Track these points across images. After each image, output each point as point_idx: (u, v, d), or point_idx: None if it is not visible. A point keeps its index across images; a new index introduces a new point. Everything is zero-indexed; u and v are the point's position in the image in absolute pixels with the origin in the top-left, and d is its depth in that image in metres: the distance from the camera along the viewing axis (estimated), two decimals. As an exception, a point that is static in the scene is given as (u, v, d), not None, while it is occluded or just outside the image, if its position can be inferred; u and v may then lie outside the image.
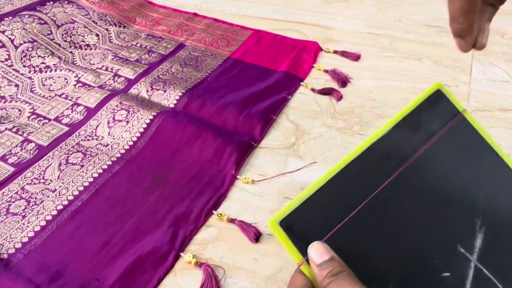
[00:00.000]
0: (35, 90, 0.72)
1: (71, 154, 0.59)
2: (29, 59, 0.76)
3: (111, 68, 0.76)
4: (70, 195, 0.53)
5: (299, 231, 0.28)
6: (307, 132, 0.62)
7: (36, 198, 0.53)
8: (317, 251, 0.26)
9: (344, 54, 0.78)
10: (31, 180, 0.55)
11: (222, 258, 0.46)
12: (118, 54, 0.80)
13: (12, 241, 0.48)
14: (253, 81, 0.71)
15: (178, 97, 0.67)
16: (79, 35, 0.84)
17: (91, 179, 0.55)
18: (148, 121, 0.62)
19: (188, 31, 0.86)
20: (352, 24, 0.88)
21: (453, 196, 0.31)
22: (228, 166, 0.56)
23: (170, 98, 0.67)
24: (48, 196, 0.53)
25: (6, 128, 0.64)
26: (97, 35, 0.85)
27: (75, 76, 0.74)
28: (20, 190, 0.54)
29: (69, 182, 0.55)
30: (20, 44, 0.78)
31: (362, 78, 0.72)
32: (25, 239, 0.48)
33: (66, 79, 0.74)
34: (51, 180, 0.55)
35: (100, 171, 0.56)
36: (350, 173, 0.30)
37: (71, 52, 0.80)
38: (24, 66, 0.75)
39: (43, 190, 0.54)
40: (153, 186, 0.54)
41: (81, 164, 0.57)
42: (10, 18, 0.82)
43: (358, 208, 0.29)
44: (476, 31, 0.29)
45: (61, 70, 0.75)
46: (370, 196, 0.29)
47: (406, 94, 0.68)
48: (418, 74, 0.73)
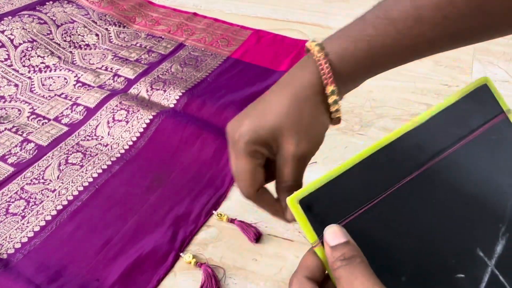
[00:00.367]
0: (35, 90, 0.72)
1: (71, 154, 0.59)
2: (28, 59, 0.76)
3: (111, 68, 0.76)
4: (69, 195, 0.53)
5: (318, 211, 0.27)
6: (307, 132, 0.62)
7: (35, 198, 0.53)
8: (333, 233, 0.26)
9: (344, 54, 0.78)
10: (31, 180, 0.55)
11: (222, 258, 0.46)
12: (118, 54, 0.80)
13: (11, 241, 0.48)
14: (253, 81, 0.71)
15: (178, 97, 0.67)
16: (79, 35, 0.84)
17: (90, 179, 0.55)
18: (148, 121, 0.62)
19: (188, 31, 0.86)
20: (352, 24, 0.88)
21: (481, 198, 0.30)
22: (228, 166, 0.56)
23: (170, 98, 0.67)
24: (47, 196, 0.53)
25: (5, 128, 0.63)
26: (96, 35, 0.85)
27: (74, 76, 0.74)
28: (19, 190, 0.54)
29: (68, 182, 0.55)
30: (20, 44, 0.78)
31: (362, 78, 0.72)
32: (24, 239, 0.48)
33: (65, 79, 0.74)
34: (50, 180, 0.55)
35: (100, 171, 0.56)
36: (379, 159, 0.28)
37: (70, 52, 0.80)
38: (24, 66, 0.75)
39: (42, 190, 0.54)
40: (153, 186, 0.54)
41: (80, 164, 0.57)
42: (10, 17, 0.82)
43: (381, 197, 0.28)
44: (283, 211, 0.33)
45: (60, 70, 0.75)
46: (395, 186, 0.28)
47: (406, 94, 0.68)
48: (418, 74, 0.73)
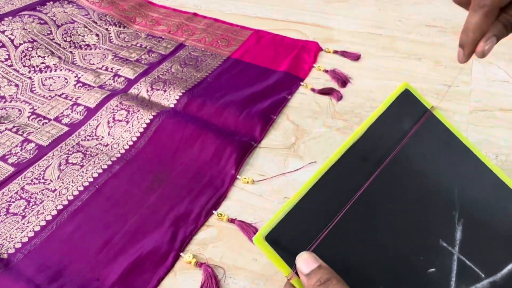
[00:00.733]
0: (35, 90, 0.72)
1: (71, 154, 0.59)
2: (29, 59, 0.76)
3: (111, 68, 0.76)
4: (70, 195, 0.53)
5: (285, 244, 0.27)
6: (307, 132, 0.62)
7: (36, 198, 0.53)
8: (304, 261, 0.26)
9: (344, 54, 0.78)
10: (31, 180, 0.55)
11: (222, 258, 0.46)
12: (118, 54, 0.80)
13: (12, 241, 0.48)
14: (253, 81, 0.71)
15: (178, 97, 0.67)
16: (79, 35, 0.84)
17: (91, 179, 0.55)
18: (148, 121, 0.62)
19: (188, 31, 0.86)
20: (352, 24, 0.88)
21: (430, 192, 0.31)
22: (228, 166, 0.56)
23: (170, 98, 0.67)
24: (48, 196, 0.53)
25: (6, 128, 0.64)
26: (97, 35, 0.85)
27: (75, 76, 0.74)
28: (20, 190, 0.54)
29: (69, 182, 0.55)
30: (20, 44, 0.78)
31: (362, 78, 0.72)
32: (25, 239, 0.48)
33: (66, 79, 0.74)
34: (51, 180, 0.55)
35: (100, 171, 0.56)
36: (330, 179, 0.30)
37: (71, 52, 0.80)
38: (24, 66, 0.75)
39: (43, 190, 0.54)
40: (153, 186, 0.54)
41: (81, 164, 0.57)
42: (10, 18, 0.82)
43: (341, 214, 0.29)
44: (475, 45, 0.31)
45: (61, 70, 0.75)
46: (351, 200, 0.29)
47: (406, 94, 0.68)
48: (418, 74, 0.73)
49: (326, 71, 0.73)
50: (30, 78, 0.74)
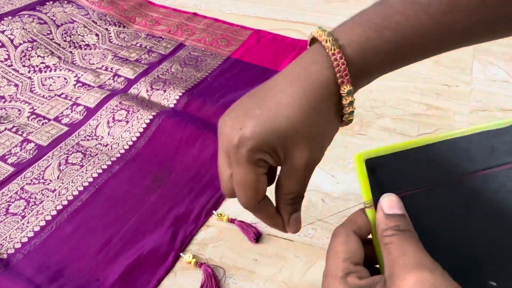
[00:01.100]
0: (35, 90, 0.72)
1: (71, 154, 0.59)
2: (28, 59, 0.76)
3: (111, 68, 0.76)
4: (69, 195, 0.53)
5: (380, 176, 0.27)
6: (307, 132, 0.62)
7: (35, 198, 0.53)
8: (390, 202, 0.26)
9: (344, 54, 0.78)
10: (31, 180, 0.55)
11: (222, 258, 0.46)
12: (118, 54, 0.80)
13: (11, 241, 0.48)
14: (253, 81, 0.71)
15: (178, 97, 0.67)
16: (79, 35, 0.84)
17: (90, 179, 0.55)
18: (148, 121, 0.62)
19: (188, 31, 0.86)
20: (352, 24, 0.88)
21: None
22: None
23: (170, 98, 0.67)
24: (47, 196, 0.53)
25: (5, 128, 0.64)
26: (96, 35, 0.85)
27: (74, 76, 0.74)
28: (19, 190, 0.54)
29: (68, 182, 0.55)
30: (20, 44, 0.78)
31: (362, 78, 0.72)
32: (24, 239, 0.48)
33: (65, 79, 0.74)
34: (50, 180, 0.55)
35: (100, 171, 0.56)
36: (452, 148, 0.28)
37: (70, 52, 0.80)
38: (24, 66, 0.75)
39: (42, 190, 0.54)
40: (153, 186, 0.54)
41: (80, 164, 0.57)
42: (10, 18, 0.82)
43: (440, 185, 0.27)
44: (283, 223, 0.32)
45: (60, 70, 0.75)
46: (455, 179, 0.28)
47: (406, 94, 0.68)
48: (418, 74, 0.73)
49: (326, 71, 0.73)
50: (29, 78, 0.74)
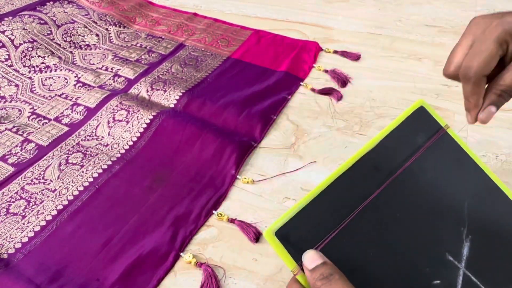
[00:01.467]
0: (35, 90, 0.72)
1: (71, 154, 0.59)
2: (29, 59, 0.76)
3: (111, 68, 0.76)
4: (70, 195, 0.53)
5: (294, 240, 0.29)
6: (307, 132, 0.62)
7: (36, 198, 0.53)
8: (310, 258, 0.28)
9: (344, 54, 0.78)
10: (31, 180, 0.55)
11: (222, 258, 0.46)
12: (118, 54, 0.80)
13: (12, 241, 0.48)
14: (253, 81, 0.71)
15: (178, 97, 0.67)
16: (79, 35, 0.84)
17: (91, 179, 0.55)
18: (148, 121, 0.62)
19: (188, 31, 0.86)
20: (352, 24, 0.88)
21: (439, 206, 0.32)
22: (228, 166, 0.56)
23: (170, 98, 0.67)
24: (48, 196, 0.53)
25: (6, 128, 0.64)
26: (97, 35, 0.85)
27: (75, 76, 0.74)
28: (20, 190, 0.54)
29: (69, 182, 0.55)
30: (20, 44, 0.78)
31: (362, 78, 0.72)
32: (25, 239, 0.48)
33: (66, 79, 0.74)
34: (51, 180, 0.55)
35: (100, 171, 0.56)
36: (342, 184, 0.31)
37: (71, 52, 0.80)
38: (24, 66, 0.75)
39: (43, 190, 0.54)
40: (153, 186, 0.54)
41: (81, 164, 0.57)
42: (10, 18, 0.82)
43: (350, 217, 0.30)
44: (479, 109, 0.35)
45: (61, 70, 0.75)
46: (361, 206, 0.30)
47: (406, 94, 0.68)
48: (418, 74, 0.73)
49: (326, 71, 0.73)
50: (30, 78, 0.74)
